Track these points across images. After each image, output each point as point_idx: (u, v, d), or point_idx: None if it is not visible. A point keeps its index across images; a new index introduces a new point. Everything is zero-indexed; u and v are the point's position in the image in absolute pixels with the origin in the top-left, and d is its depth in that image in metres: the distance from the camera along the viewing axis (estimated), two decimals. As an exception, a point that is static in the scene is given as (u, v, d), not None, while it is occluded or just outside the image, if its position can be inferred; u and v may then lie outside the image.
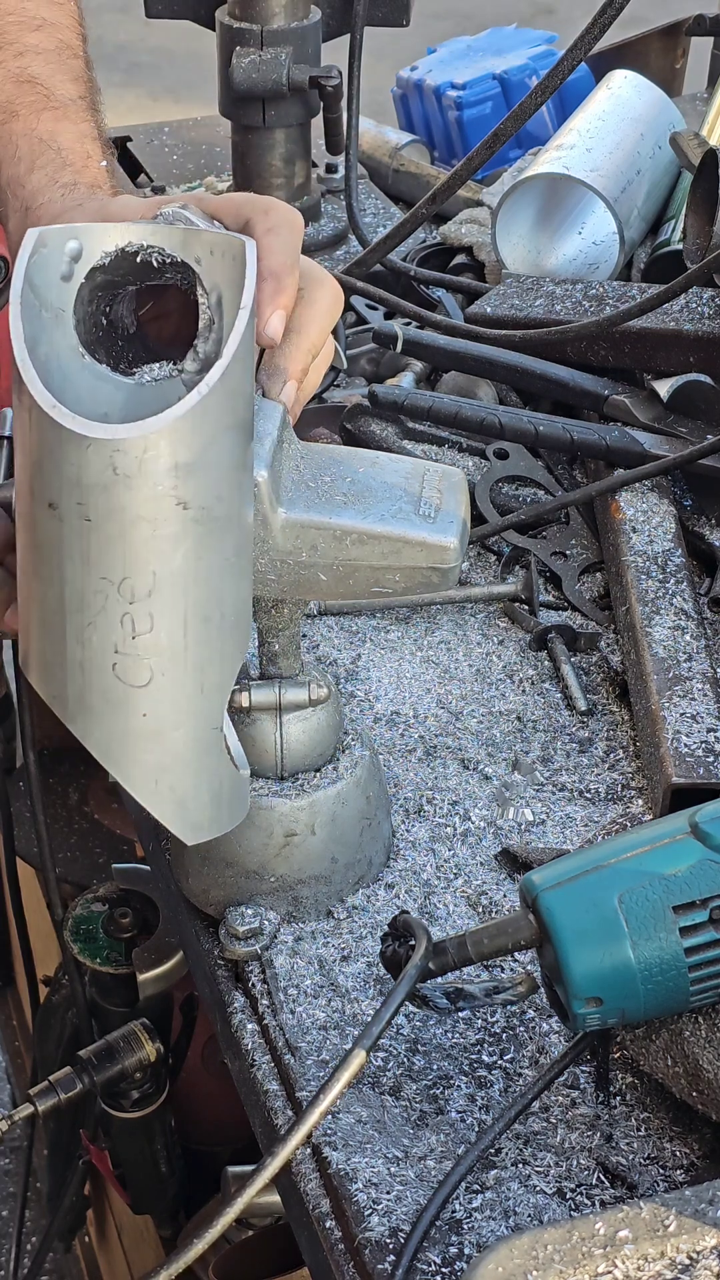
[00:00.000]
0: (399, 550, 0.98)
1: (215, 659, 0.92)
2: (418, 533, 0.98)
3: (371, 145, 1.97)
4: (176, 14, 1.80)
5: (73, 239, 0.92)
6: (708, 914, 0.92)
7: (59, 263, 0.91)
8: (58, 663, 0.90)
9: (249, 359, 0.88)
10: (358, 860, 1.10)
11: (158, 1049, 1.60)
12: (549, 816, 1.18)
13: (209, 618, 0.90)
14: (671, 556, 1.33)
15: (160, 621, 0.88)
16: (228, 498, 0.89)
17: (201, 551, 0.88)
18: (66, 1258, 2.21)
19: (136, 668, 0.89)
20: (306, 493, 0.99)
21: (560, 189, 1.61)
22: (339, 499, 0.99)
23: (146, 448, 0.84)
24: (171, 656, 0.90)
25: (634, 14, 1.49)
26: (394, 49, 2.60)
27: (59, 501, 0.85)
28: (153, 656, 0.89)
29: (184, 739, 0.93)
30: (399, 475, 1.02)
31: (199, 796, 0.96)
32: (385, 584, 1.00)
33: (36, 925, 2.05)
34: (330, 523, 0.98)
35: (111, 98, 1.28)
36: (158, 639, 0.89)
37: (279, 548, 0.98)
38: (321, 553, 0.98)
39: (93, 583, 0.87)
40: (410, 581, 1.00)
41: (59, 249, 0.91)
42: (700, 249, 1.49)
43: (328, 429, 1.51)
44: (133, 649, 0.89)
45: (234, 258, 0.90)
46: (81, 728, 0.92)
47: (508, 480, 1.47)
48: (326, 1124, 0.96)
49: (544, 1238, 0.83)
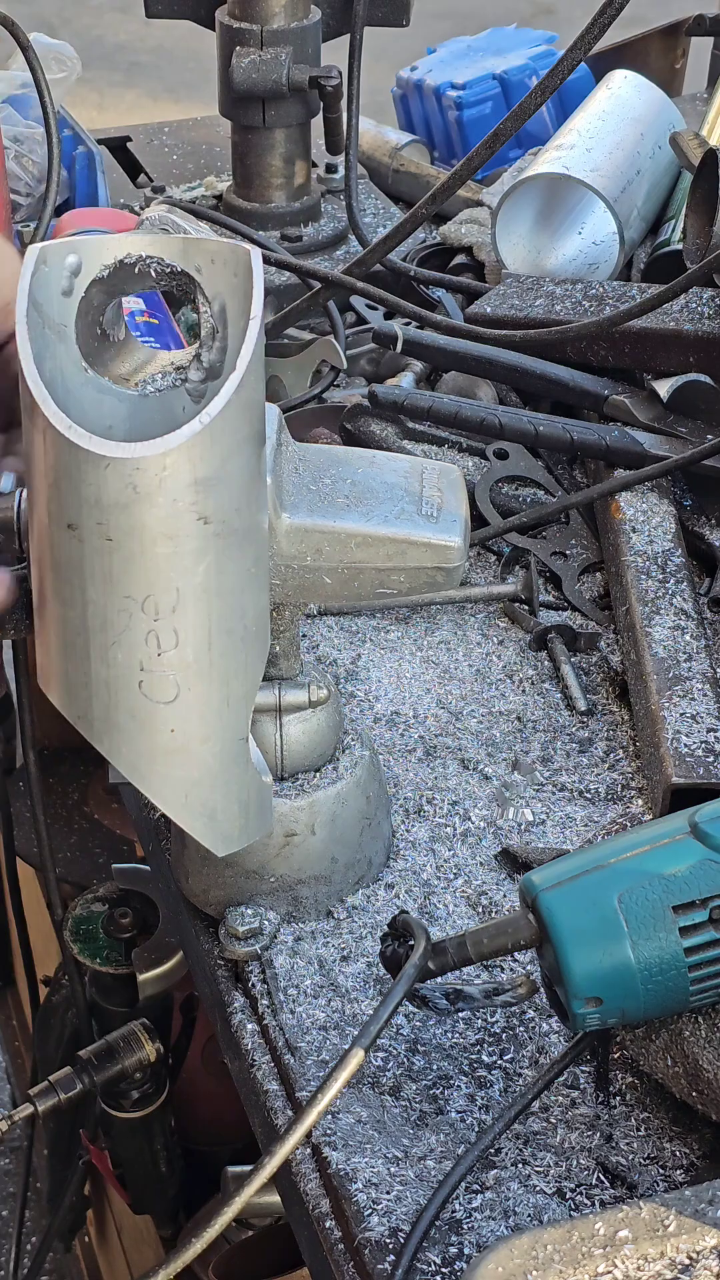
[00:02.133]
0: (404, 551, 0.98)
1: (239, 670, 0.92)
2: (422, 533, 0.98)
3: (371, 145, 1.97)
4: (176, 14, 1.80)
5: (72, 253, 0.91)
6: (708, 914, 0.92)
7: (59, 278, 0.91)
8: (82, 683, 0.90)
9: (260, 369, 0.88)
10: (358, 860, 1.10)
11: (158, 1049, 1.60)
12: (549, 816, 1.18)
13: (232, 630, 0.90)
14: (671, 556, 1.33)
15: (185, 637, 0.88)
16: (246, 509, 0.88)
17: (223, 564, 0.88)
18: (66, 1258, 2.21)
19: (163, 684, 0.89)
20: (309, 496, 0.99)
21: (560, 189, 1.61)
22: (341, 501, 0.99)
23: (166, 465, 0.83)
24: (197, 671, 0.90)
25: (634, 14, 1.49)
26: (394, 49, 2.61)
27: (79, 522, 0.85)
28: (178, 672, 0.89)
29: (212, 752, 0.93)
30: (398, 474, 1.02)
31: (228, 808, 0.96)
32: (390, 585, 1.00)
33: (36, 925, 2.05)
34: (334, 526, 0.98)
35: (111, 98, 1.28)
36: (183, 654, 0.89)
37: (283, 552, 0.98)
38: (326, 556, 0.98)
39: (116, 601, 0.87)
40: (415, 582, 1.00)
41: (59, 264, 0.91)
42: (700, 249, 1.49)
43: (328, 429, 1.51)
44: (158, 666, 0.89)
45: (236, 266, 0.90)
46: (109, 746, 0.92)
47: (508, 480, 1.47)
48: (326, 1124, 0.96)
49: (544, 1238, 0.83)
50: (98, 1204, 2.05)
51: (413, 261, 1.75)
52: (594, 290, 1.56)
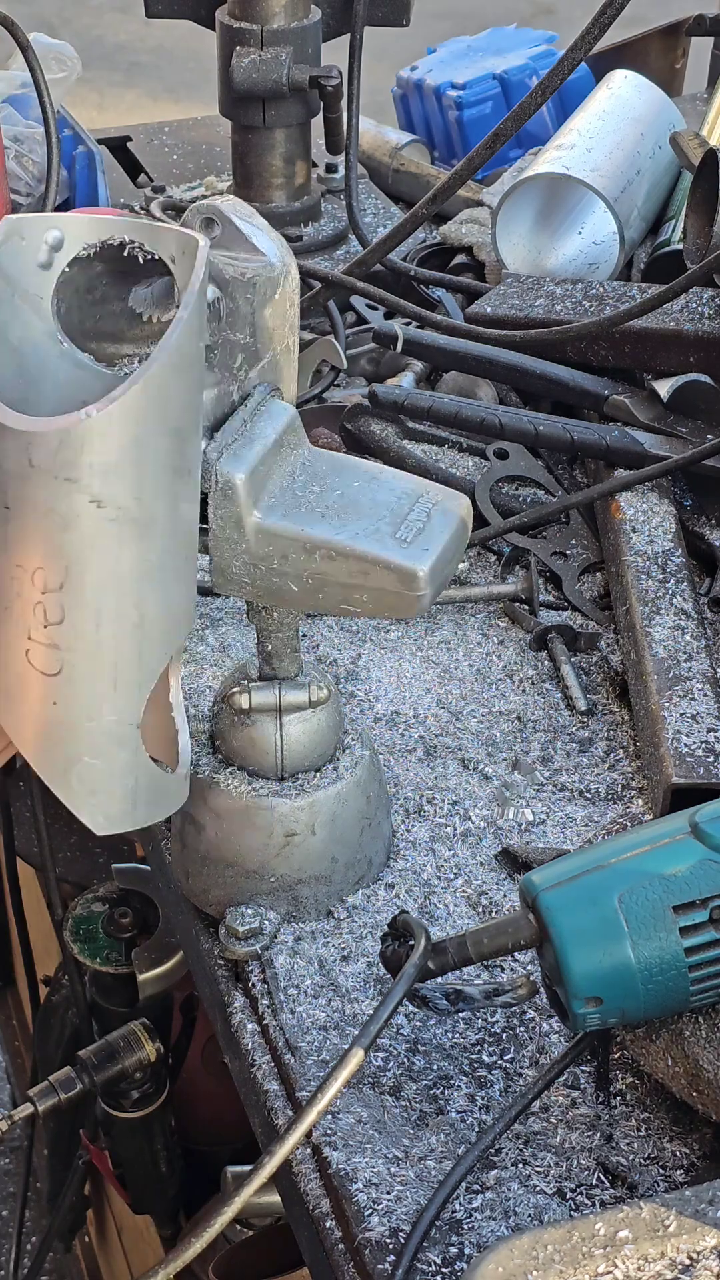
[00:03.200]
0: (367, 570, 0.96)
1: (132, 658, 0.92)
2: (388, 555, 0.96)
3: (371, 145, 1.97)
4: (176, 14, 1.80)
5: (54, 229, 0.92)
6: (708, 914, 0.92)
7: (36, 251, 0.92)
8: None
9: (189, 366, 0.87)
10: (358, 860, 1.10)
11: (158, 1049, 1.60)
12: (549, 816, 1.18)
13: (124, 616, 0.90)
14: (671, 556, 1.33)
15: (71, 615, 0.89)
16: (151, 500, 0.88)
17: (118, 551, 0.88)
18: (66, 1258, 2.21)
19: (48, 657, 0.90)
20: (289, 500, 0.98)
21: (560, 189, 1.61)
22: (319, 511, 0.97)
23: (61, 443, 0.84)
24: (82, 651, 0.90)
25: (634, 14, 1.49)
26: (394, 49, 2.60)
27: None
28: (64, 648, 0.90)
29: (97, 731, 0.93)
30: (394, 494, 1.00)
31: (111, 788, 0.96)
32: (354, 603, 0.97)
33: (36, 925, 2.05)
34: (302, 534, 0.96)
35: (111, 98, 1.28)
36: (68, 632, 0.89)
37: (253, 552, 0.97)
38: (292, 563, 0.97)
39: (9, 568, 0.88)
40: (379, 604, 0.97)
41: (36, 238, 0.92)
42: (700, 249, 1.49)
43: (328, 429, 1.51)
44: (44, 638, 0.89)
45: (193, 259, 0.90)
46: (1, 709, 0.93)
47: (508, 480, 1.47)
48: (326, 1124, 0.96)
49: (544, 1238, 0.83)
50: (98, 1204, 2.05)
51: (413, 261, 1.75)
52: (594, 290, 1.56)
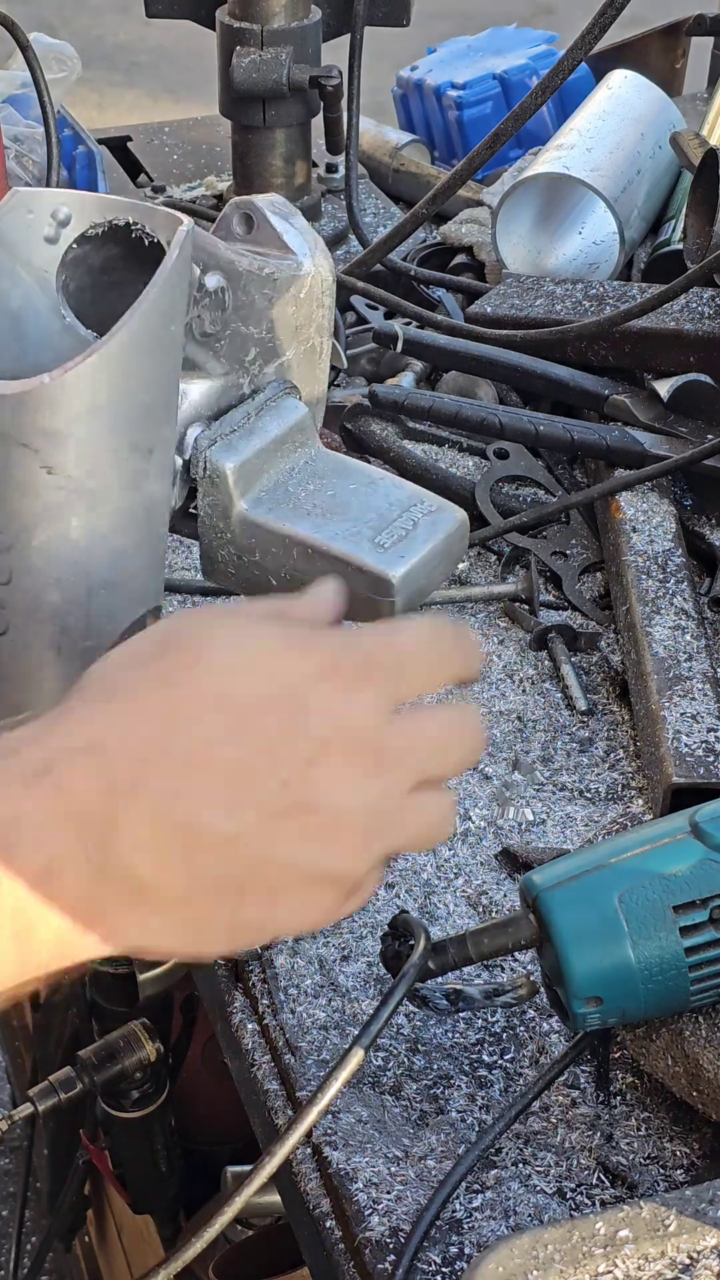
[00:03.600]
0: (340, 572, 0.95)
1: (79, 627, 0.92)
2: (361, 558, 0.95)
3: (371, 145, 1.97)
4: (176, 14, 1.80)
5: (63, 205, 0.93)
6: (708, 914, 0.92)
7: (42, 225, 0.93)
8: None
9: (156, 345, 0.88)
10: (358, 860, 1.10)
11: (158, 1049, 1.60)
12: (549, 816, 1.18)
13: (73, 584, 0.90)
14: (671, 556, 1.33)
15: (18, 579, 0.89)
16: (103, 474, 0.88)
17: (67, 519, 0.89)
18: (66, 1258, 2.21)
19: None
20: (280, 496, 0.98)
21: (560, 189, 1.61)
22: (306, 509, 0.98)
23: (15, 407, 0.85)
24: (26, 613, 0.90)
25: (634, 14, 1.49)
26: (394, 49, 2.60)
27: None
28: (9, 608, 0.90)
29: (43, 692, 0.93)
30: (387, 500, 0.99)
31: None
32: None
33: (36, 925, 2.04)
34: (282, 529, 0.97)
35: (111, 98, 1.28)
36: (14, 593, 0.90)
37: (238, 542, 0.98)
38: (272, 558, 0.98)
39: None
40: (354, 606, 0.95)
41: (42, 213, 0.93)
42: (700, 249, 1.49)
43: (328, 429, 1.51)
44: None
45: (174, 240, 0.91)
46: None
47: (508, 480, 1.47)
48: (326, 1123, 0.96)
49: (544, 1237, 0.83)
50: (98, 1204, 2.04)
51: (413, 261, 1.75)
52: (594, 290, 1.56)
